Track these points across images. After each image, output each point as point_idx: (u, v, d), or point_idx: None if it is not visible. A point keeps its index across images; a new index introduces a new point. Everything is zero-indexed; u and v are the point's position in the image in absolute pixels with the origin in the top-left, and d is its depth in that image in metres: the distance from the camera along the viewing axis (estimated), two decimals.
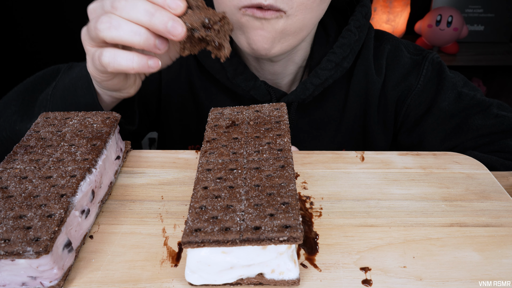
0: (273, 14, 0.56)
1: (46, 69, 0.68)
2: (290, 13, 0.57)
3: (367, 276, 0.37)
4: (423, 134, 0.74)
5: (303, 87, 0.69)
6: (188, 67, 0.76)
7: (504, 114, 0.69)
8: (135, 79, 0.57)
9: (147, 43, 0.45)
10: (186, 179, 0.50)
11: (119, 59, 0.46)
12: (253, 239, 0.33)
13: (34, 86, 0.65)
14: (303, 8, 0.58)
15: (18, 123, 0.61)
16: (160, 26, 0.44)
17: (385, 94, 0.75)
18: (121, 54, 0.46)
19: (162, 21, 0.44)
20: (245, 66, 0.69)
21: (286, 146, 0.44)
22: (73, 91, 0.58)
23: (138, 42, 0.45)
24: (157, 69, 0.47)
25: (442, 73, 0.73)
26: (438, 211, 0.45)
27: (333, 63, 0.68)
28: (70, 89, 0.58)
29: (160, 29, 0.44)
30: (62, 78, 0.62)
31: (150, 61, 0.47)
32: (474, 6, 1.88)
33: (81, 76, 0.58)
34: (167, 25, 0.44)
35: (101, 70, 0.50)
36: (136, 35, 0.44)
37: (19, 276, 0.35)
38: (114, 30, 0.44)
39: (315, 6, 0.59)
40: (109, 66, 0.47)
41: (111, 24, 0.44)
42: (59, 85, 0.61)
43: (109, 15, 0.45)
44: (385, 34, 0.78)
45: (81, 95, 0.57)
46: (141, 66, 0.46)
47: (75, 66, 0.64)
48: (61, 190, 0.39)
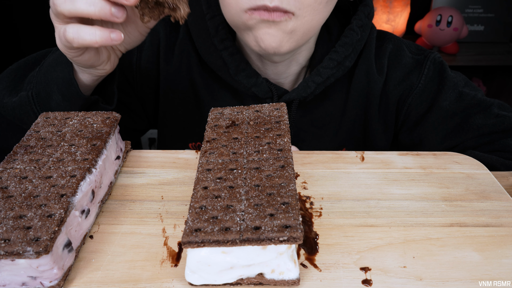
0: (282, 16, 0.57)
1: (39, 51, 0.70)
2: (299, 14, 0.57)
3: (367, 276, 0.37)
4: (424, 133, 0.74)
5: (305, 85, 0.69)
6: (189, 64, 0.76)
7: (504, 114, 0.70)
8: (109, 55, 0.58)
9: (103, 12, 0.46)
10: (186, 179, 0.50)
11: (82, 34, 0.47)
12: (253, 239, 0.33)
13: (26, 64, 0.67)
14: (311, 10, 0.58)
15: (6, 97, 0.63)
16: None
17: (386, 93, 0.75)
18: (84, 29, 0.47)
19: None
20: (247, 63, 0.69)
21: (286, 146, 0.44)
22: (54, 66, 0.59)
23: (94, 12, 0.46)
24: (120, 41, 0.48)
25: (444, 73, 0.74)
26: (438, 211, 0.45)
27: (335, 62, 0.69)
28: (52, 65, 0.60)
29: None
30: (49, 56, 0.64)
31: (112, 34, 0.48)
32: (474, 6, 1.88)
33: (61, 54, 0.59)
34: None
35: (68, 46, 0.50)
36: (91, 6, 0.46)
37: (19, 276, 0.35)
38: (70, 3, 0.46)
39: (322, 8, 0.60)
40: (73, 42, 0.48)
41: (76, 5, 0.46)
42: (45, 62, 0.63)
43: None
44: (387, 34, 0.78)
45: (59, 70, 0.58)
46: (103, 39, 0.47)
47: None
48: (61, 190, 0.39)
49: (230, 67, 0.69)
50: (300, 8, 0.57)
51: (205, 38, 0.71)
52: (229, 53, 0.69)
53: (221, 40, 0.69)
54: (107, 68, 0.58)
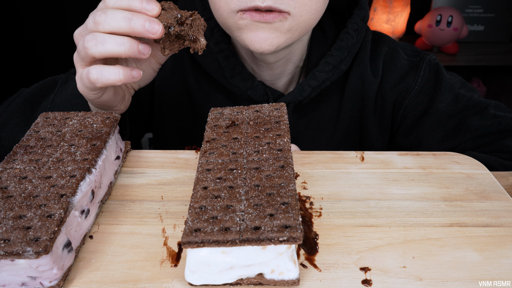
0: (277, 17, 0.56)
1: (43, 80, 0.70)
2: (295, 13, 0.57)
3: (367, 276, 0.37)
4: (421, 135, 0.74)
5: (300, 88, 0.69)
6: (183, 67, 0.76)
7: (501, 115, 0.70)
8: (124, 95, 0.59)
9: (131, 50, 0.49)
10: (186, 179, 0.50)
11: (105, 74, 0.50)
12: (253, 239, 0.33)
13: (33, 97, 0.67)
14: (308, 8, 0.58)
15: (20, 135, 0.63)
16: (139, 27, 0.47)
17: (382, 95, 0.75)
18: (107, 68, 0.50)
19: (140, 23, 0.47)
20: (242, 66, 0.69)
21: (286, 146, 0.44)
22: (69, 108, 0.61)
23: (124, 51, 0.48)
24: (140, 78, 0.51)
25: (439, 74, 0.74)
26: (438, 211, 0.45)
27: (331, 65, 0.69)
28: (67, 106, 0.61)
29: (140, 31, 0.48)
30: (59, 92, 0.64)
31: (133, 72, 0.50)
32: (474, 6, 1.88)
33: (76, 95, 0.60)
34: (145, 26, 0.47)
35: (91, 88, 0.52)
36: (121, 46, 0.48)
37: (19, 276, 0.35)
38: (101, 45, 0.48)
39: (319, 6, 0.59)
40: (97, 82, 0.50)
41: (97, 40, 0.48)
42: (56, 99, 0.63)
43: (93, 33, 0.49)
44: (382, 36, 0.78)
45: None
46: (126, 77, 0.50)
47: (71, 80, 0.66)
48: (61, 190, 0.39)
49: (225, 70, 0.69)
50: (296, 7, 0.56)
51: None
52: (224, 55, 0.68)
53: (216, 42, 0.69)
54: (122, 108, 0.60)
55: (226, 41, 0.69)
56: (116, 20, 0.48)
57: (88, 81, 0.51)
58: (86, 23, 0.50)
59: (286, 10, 0.56)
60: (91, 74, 0.50)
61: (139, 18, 0.47)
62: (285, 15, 0.57)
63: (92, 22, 0.49)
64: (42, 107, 0.64)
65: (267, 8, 0.55)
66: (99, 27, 0.48)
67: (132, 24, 0.47)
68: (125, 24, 0.47)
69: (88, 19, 0.50)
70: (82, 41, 0.49)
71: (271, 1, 0.55)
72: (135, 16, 0.47)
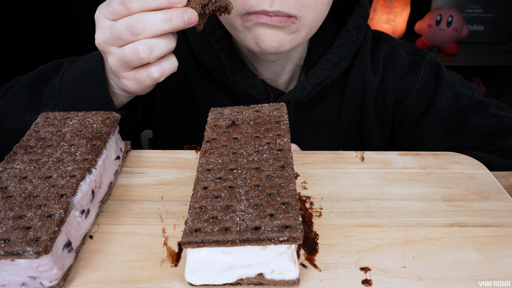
0: (284, 22, 0.57)
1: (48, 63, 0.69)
2: (301, 16, 0.58)
3: (367, 276, 0.37)
4: (422, 134, 0.74)
5: (301, 86, 0.69)
6: (184, 65, 0.76)
7: (502, 114, 0.70)
8: None
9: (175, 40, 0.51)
10: (186, 179, 0.50)
11: (167, 69, 0.52)
12: (253, 239, 0.33)
13: (39, 79, 0.66)
14: (313, 10, 0.58)
15: (27, 115, 0.63)
16: (180, 24, 0.48)
17: (382, 94, 0.75)
18: (166, 62, 0.52)
19: (180, 19, 0.48)
20: (244, 64, 0.69)
21: (286, 146, 0.44)
22: (83, 83, 0.60)
23: (175, 43, 0.51)
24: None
25: (440, 73, 0.74)
26: (438, 211, 0.45)
27: (331, 63, 0.69)
28: (81, 81, 0.60)
29: (181, 26, 0.49)
30: (67, 71, 0.63)
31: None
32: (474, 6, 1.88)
33: (90, 70, 0.59)
34: (184, 20, 0.48)
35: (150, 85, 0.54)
36: (170, 42, 0.50)
37: (19, 276, 0.35)
38: (156, 49, 0.49)
39: (324, 8, 0.60)
40: (162, 77, 0.52)
41: (149, 46, 0.49)
42: (65, 77, 0.62)
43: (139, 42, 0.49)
44: (383, 34, 0.78)
45: (92, 87, 0.59)
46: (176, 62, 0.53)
47: (77, 60, 0.65)
48: (61, 190, 0.39)
49: (226, 67, 0.69)
50: (302, 10, 0.57)
51: (201, 38, 0.71)
52: (226, 53, 0.68)
53: (218, 40, 0.69)
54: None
55: (228, 39, 0.69)
56: (156, 26, 0.48)
57: (151, 80, 0.52)
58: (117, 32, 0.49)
59: (294, 14, 0.56)
60: (155, 73, 0.51)
61: (176, 15, 0.48)
62: (293, 20, 0.57)
63: (128, 33, 0.48)
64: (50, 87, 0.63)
65: (275, 13, 0.55)
66: (141, 36, 0.48)
67: (173, 24, 0.48)
68: (167, 26, 0.48)
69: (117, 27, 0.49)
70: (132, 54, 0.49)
71: (279, 5, 0.55)
72: (173, 15, 0.48)
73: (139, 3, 0.48)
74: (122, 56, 0.50)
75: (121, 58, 0.50)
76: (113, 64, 0.52)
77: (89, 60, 0.60)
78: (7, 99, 0.65)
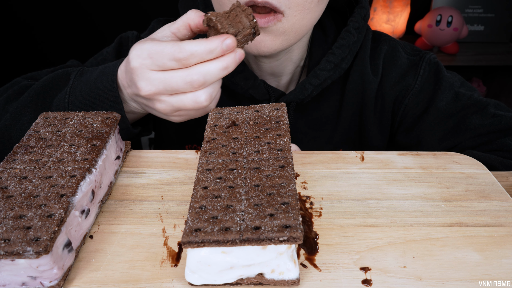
0: (271, 22, 0.57)
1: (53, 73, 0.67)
2: (289, 14, 0.57)
3: (367, 276, 0.37)
4: (421, 134, 0.74)
5: (302, 87, 0.69)
6: None
7: (501, 114, 0.70)
8: None
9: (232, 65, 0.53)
10: (186, 179, 0.50)
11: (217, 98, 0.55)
12: (253, 239, 0.33)
13: (45, 91, 0.65)
14: (302, 8, 0.58)
15: None
16: (234, 66, 0.52)
17: (382, 94, 0.75)
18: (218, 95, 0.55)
19: (234, 64, 0.51)
20: (244, 65, 0.70)
21: (286, 146, 0.44)
22: (97, 102, 0.60)
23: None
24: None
25: (439, 73, 0.74)
26: (438, 211, 0.45)
27: (332, 64, 0.69)
28: (94, 100, 0.60)
29: (234, 67, 0.52)
30: (76, 85, 0.62)
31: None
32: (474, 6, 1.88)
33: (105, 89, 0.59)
34: (237, 61, 0.51)
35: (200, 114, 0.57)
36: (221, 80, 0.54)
37: (19, 276, 0.35)
38: (214, 93, 0.53)
39: (314, 7, 0.59)
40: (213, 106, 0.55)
41: (210, 95, 0.52)
42: (75, 92, 0.61)
43: (201, 92, 0.52)
44: (383, 35, 0.78)
45: (107, 107, 0.59)
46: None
47: (86, 72, 0.64)
48: (61, 190, 0.39)
49: None
50: (290, 7, 0.57)
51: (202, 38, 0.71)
52: None
53: None
54: None
55: None
56: (215, 76, 0.51)
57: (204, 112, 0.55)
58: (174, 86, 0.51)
59: (281, 9, 0.56)
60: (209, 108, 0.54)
61: (231, 62, 0.51)
62: (279, 17, 0.57)
63: (189, 87, 0.51)
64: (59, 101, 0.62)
65: (263, 4, 0.55)
66: (203, 86, 0.52)
67: (229, 69, 0.51)
68: (224, 73, 0.51)
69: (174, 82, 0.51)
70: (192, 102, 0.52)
71: None
72: (228, 62, 0.50)
73: (195, 59, 0.50)
74: (180, 104, 0.52)
75: (178, 106, 0.53)
76: (165, 109, 0.54)
77: (101, 78, 0.60)
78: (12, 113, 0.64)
